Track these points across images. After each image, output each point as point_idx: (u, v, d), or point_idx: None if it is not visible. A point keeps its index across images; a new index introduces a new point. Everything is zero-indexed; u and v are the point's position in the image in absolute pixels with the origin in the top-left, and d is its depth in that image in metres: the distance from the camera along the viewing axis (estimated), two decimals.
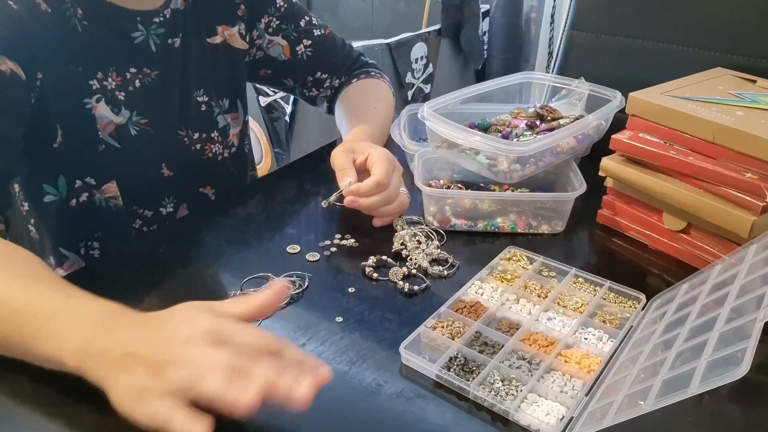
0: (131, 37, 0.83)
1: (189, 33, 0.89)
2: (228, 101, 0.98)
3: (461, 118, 0.92)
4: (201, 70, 0.92)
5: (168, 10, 0.85)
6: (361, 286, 0.72)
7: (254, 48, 1.01)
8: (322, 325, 0.65)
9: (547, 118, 0.94)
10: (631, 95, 0.80)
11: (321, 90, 1.08)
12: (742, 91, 0.81)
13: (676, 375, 0.47)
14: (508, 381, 0.57)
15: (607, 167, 0.83)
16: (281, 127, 2.30)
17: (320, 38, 1.04)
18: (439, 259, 0.78)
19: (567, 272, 0.73)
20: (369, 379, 0.58)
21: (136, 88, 0.84)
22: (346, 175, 0.80)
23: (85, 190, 0.85)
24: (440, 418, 0.55)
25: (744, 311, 0.50)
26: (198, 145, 0.94)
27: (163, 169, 0.91)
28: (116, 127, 0.84)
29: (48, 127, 0.79)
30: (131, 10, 0.82)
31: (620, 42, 1.04)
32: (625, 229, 0.84)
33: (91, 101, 0.81)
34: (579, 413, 0.54)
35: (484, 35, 2.75)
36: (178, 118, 0.91)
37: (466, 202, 0.83)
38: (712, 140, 0.72)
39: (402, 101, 2.42)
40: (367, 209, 0.81)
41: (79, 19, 0.77)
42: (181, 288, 0.70)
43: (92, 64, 0.80)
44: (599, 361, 0.60)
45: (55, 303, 0.54)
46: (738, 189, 0.70)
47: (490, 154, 0.83)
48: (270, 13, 0.99)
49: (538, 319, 0.66)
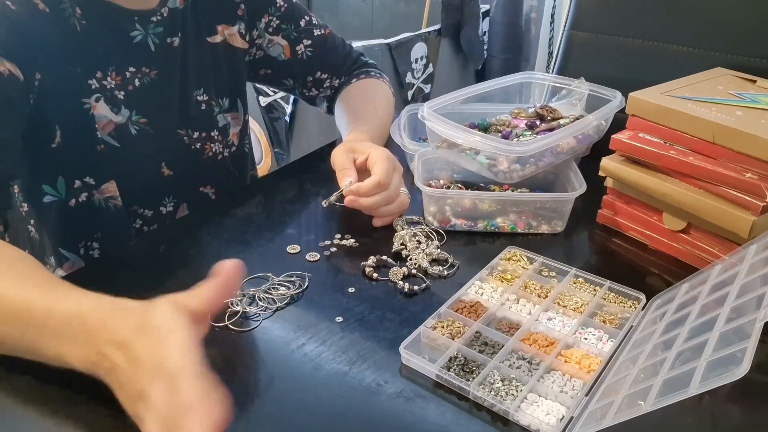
0: (130, 37, 0.83)
1: (188, 32, 0.89)
2: (228, 100, 0.98)
3: (461, 118, 0.92)
4: (201, 70, 0.92)
5: (165, 9, 0.85)
6: (361, 286, 0.72)
7: (254, 47, 1.01)
8: (322, 325, 0.65)
9: (547, 118, 0.94)
10: (631, 95, 0.80)
11: (321, 90, 1.08)
12: (742, 91, 0.81)
13: (676, 375, 0.47)
14: (508, 381, 0.57)
15: (607, 167, 0.83)
16: (281, 127, 2.30)
17: (320, 38, 1.04)
18: (439, 259, 0.78)
19: (567, 272, 0.73)
20: (369, 379, 0.58)
21: (135, 87, 0.84)
22: (346, 175, 0.80)
23: (84, 190, 0.85)
24: (440, 418, 0.55)
25: (744, 311, 0.50)
26: (198, 145, 0.94)
27: (163, 169, 0.91)
28: (116, 127, 0.84)
29: (46, 128, 0.79)
30: (129, 10, 0.82)
31: (620, 42, 1.04)
32: (625, 229, 0.84)
33: (90, 101, 0.80)
34: (579, 413, 0.54)
35: (484, 35, 2.75)
36: (177, 118, 0.91)
37: (466, 202, 0.83)
38: (712, 140, 0.72)
39: (402, 101, 2.42)
40: (368, 209, 0.81)
41: (77, 19, 0.77)
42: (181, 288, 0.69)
43: (91, 63, 0.80)
44: (599, 361, 0.60)
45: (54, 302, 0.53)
46: (738, 189, 0.70)
47: (490, 154, 0.83)
48: (270, 13, 0.99)
49: (538, 319, 0.66)
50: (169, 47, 0.87)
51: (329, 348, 0.62)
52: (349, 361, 0.60)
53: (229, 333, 0.64)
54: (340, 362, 0.60)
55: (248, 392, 0.56)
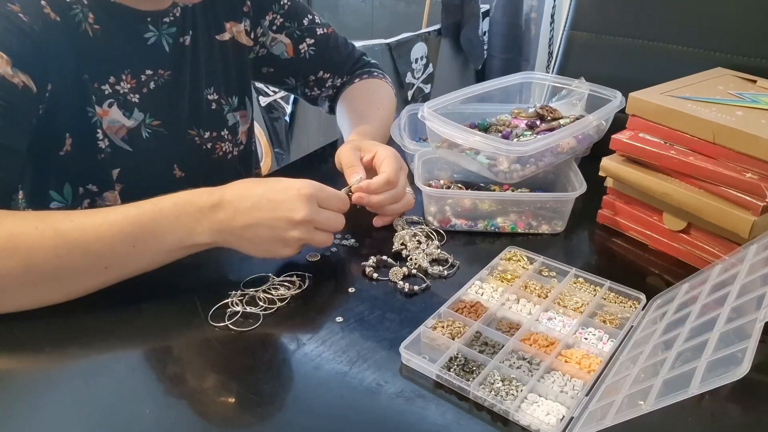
0: (144, 38, 0.83)
1: (198, 30, 0.89)
2: (237, 99, 0.98)
3: (461, 118, 0.92)
4: (210, 68, 0.92)
5: (177, 9, 0.85)
6: (361, 286, 0.72)
7: (258, 45, 1.01)
8: (322, 325, 0.65)
9: (547, 118, 0.94)
10: (631, 95, 0.80)
11: (323, 89, 1.08)
12: (742, 91, 0.81)
13: (677, 375, 0.47)
14: (508, 381, 0.57)
15: (607, 167, 0.83)
16: (281, 127, 2.30)
17: (323, 37, 1.04)
18: (439, 259, 0.78)
19: (567, 272, 0.73)
20: (369, 379, 0.58)
21: (150, 89, 0.84)
22: (355, 172, 0.80)
23: (88, 196, 0.85)
24: (440, 418, 0.55)
25: (744, 311, 0.50)
26: (209, 144, 0.94)
27: (175, 171, 0.91)
28: (128, 131, 0.83)
29: (55, 135, 0.78)
30: (141, 11, 0.81)
31: (620, 42, 1.04)
32: (625, 229, 0.84)
33: (102, 107, 0.80)
34: (579, 413, 0.54)
35: (484, 35, 2.75)
36: (189, 118, 0.91)
37: (466, 202, 0.83)
38: (712, 140, 0.72)
39: (402, 101, 2.42)
40: (375, 206, 0.81)
41: (90, 24, 0.77)
42: (181, 287, 0.70)
43: (104, 69, 0.80)
44: (599, 361, 0.60)
45: (153, 204, 0.66)
46: (738, 189, 0.70)
47: (490, 154, 0.83)
48: (274, 11, 0.99)
49: (539, 319, 0.66)
50: (181, 46, 0.87)
51: (329, 348, 0.62)
52: (349, 361, 0.60)
53: (229, 333, 0.64)
54: (340, 362, 0.60)
55: (248, 392, 0.56)
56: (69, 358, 0.61)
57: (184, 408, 0.55)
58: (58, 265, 0.62)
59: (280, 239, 0.67)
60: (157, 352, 0.62)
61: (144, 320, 0.65)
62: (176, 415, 0.54)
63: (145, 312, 0.66)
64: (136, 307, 0.66)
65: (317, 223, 0.69)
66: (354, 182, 0.79)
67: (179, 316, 0.66)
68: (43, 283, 0.62)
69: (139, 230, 0.65)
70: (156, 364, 0.60)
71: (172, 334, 0.64)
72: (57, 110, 0.76)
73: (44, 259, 0.61)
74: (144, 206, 0.66)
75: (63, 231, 0.62)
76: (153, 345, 0.63)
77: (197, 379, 0.58)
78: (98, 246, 0.63)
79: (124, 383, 0.57)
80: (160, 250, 0.66)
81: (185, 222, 0.66)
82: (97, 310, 0.65)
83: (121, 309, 0.66)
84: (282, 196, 0.67)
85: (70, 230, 0.63)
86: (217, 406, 0.55)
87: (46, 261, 0.61)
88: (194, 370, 0.59)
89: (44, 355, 0.60)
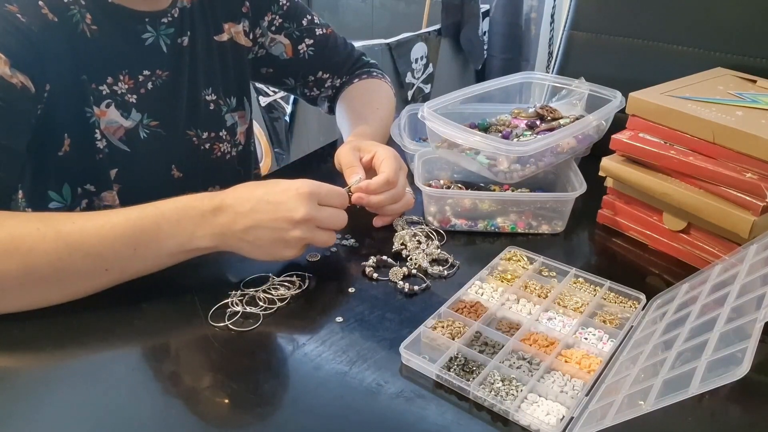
0: (142, 39, 0.83)
1: (197, 31, 0.89)
2: (235, 99, 0.98)
3: (461, 118, 0.92)
4: (209, 69, 0.92)
5: (176, 9, 0.85)
6: (361, 286, 0.72)
7: (257, 46, 1.01)
8: (322, 325, 0.65)
9: (547, 118, 0.94)
10: (631, 95, 0.80)
11: (322, 90, 1.08)
12: (742, 91, 0.81)
13: (677, 375, 0.47)
14: (508, 381, 0.57)
15: (607, 167, 0.83)
16: (281, 127, 2.30)
17: (322, 37, 1.04)
18: (439, 259, 0.78)
19: (567, 272, 0.73)
20: (369, 379, 0.58)
21: (148, 90, 0.84)
22: (354, 172, 0.80)
23: (86, 197, 0.85)
24: (440, 418, 0.55)
25: (744, 311, 0.50)
26: (207, 145, 0.94)
27: (173, 171, 0.91)
28: (126, 132, 0.83)
29: (54, 136, 0.78)
30: (139, 12, 0.81)
31: (620, 42, 1.04)
32: (625, 229, 0.84)
33: (100, 107, 0.80)
34: (579, 413, 0.54)
35: (484, 35, 2.75)
36: (187, 118, 0.91)
37: (466, 202, 0.83)
38: (712, 140, 0.72)
39: (402, 101, 2.42)
40: (375, 207, 0.81)
41: (88, 25, 0.77)
42: (181, 288, 0.70)
43: (102, 69, 0.80)
44: (599, 361, 0.60)
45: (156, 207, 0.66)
46: (738, 189, 0.70)
47: (490, 154, 0.83)
48: (273, 11, 0.99)
49: (539, 319, 0.66)
50: (179, 47, 0.87)
51: (329, 348, 0.62)
52: (349, 361, 0.60)
53: (229, 333, 0.64)
54: (340, 362, 0.60)
55: (248, 392, 0.56)
56: (69, 358, 0.61)
57: (183, 407, 0.55)
58: (59, 266, 0.62)
59: (281, 240, 0.67)
60: (157, 351, 0.62)
61: (144, 320, 0.65)
62: (176, 414, 0.54)
63: (145, 312, 0.66)
64: (136, 307, 0.66)
65: (318, 221, 0.69)
66: (353, 182, 0.79)
67: (179, 316, 0.66)
68: (44, 284, 0.62)
69: (140, 233, 0.65)
70: (156, 364, 0.60)
71: (172, 334, 0.64)
72: (55, 110, 0.76)
73: (45, 260, 0.61)
74: (146, 210, 0.66)
75: (64, 233, 0.62)
76: (153, 345, 0.63)
77: (197, 379, 0.58)
78: (99, 248, 0.63)
79: (124, 383, 0.57)
80: (161, 254, 0.66)
81: (187, 226, 0.66)
82: (97, 310, 0.65)
83: (121, 309, 0.66)
84: (281, 197, 0.67)
85: (71, 232, 0.63)
86: (216, 406, 0.55)
87: (46, 263, 0.61)
88: (194, 370, 0.59)
89: (44, 355, 0.61)
